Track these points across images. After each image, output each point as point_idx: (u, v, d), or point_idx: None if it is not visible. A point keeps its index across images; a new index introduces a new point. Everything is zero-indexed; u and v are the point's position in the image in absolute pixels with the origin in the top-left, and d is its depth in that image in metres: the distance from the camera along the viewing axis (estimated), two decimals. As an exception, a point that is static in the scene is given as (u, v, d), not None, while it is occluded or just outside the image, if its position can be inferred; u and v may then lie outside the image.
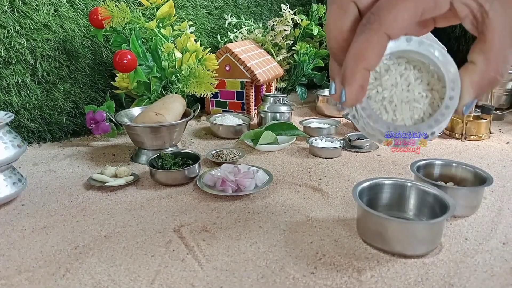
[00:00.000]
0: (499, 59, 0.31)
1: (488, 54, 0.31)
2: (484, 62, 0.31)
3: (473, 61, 0.32)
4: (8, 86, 0.84)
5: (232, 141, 0.93)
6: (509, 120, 1.09)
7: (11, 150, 0.59)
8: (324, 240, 0.52)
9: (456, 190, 0.57)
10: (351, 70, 0.31)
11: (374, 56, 0.31)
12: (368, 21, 0.30)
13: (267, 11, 1.49)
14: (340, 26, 0.32)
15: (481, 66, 0.32)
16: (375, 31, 0.30)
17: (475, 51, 0.32)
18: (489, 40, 0.30)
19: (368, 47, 0.30)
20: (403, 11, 0.29)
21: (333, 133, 0.96)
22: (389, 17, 0.29)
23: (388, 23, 0.30)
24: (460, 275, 0.45)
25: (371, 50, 0.30)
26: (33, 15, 0.86)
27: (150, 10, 1.01)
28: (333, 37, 0.33)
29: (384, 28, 0.30)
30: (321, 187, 0.68)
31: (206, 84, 0.93)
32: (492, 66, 0.31)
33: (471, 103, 0.34)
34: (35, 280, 0.44)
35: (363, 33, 0.30)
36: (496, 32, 0.30)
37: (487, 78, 0.32)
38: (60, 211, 0.60)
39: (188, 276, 0.45)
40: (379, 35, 0.30)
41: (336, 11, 0.32)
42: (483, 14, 0.30)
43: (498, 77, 0.32)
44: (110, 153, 0.85)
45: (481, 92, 0.34)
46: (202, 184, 0.66)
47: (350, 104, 0.33)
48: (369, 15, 0.30)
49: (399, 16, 0.29)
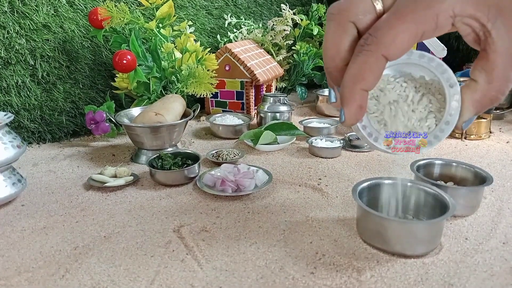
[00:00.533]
0: (502, 78, 0.31)
1: (490, 73, 0.31)
2: (486, 80, 0.31)
3: (475, 79, 0.32)
4: (8, 86, 0.84)
5: (232, 141, 0.93)
6: (509, 119, 1.09)
7: (11, 151, 0.59)
8: (323, 240, 0.52)
9: (456, 189, 0.57)
10: (349, 91, 0.31)
11: (372, 77, 0.30)
12: (366, 42, 0.30)
13: (267, 11, 1.49)
14: (338, 45, 0.31)
15: (483, 85, 0.31)
16: (373, 52, 0.29)
17: (477, 69, 0.31)
18: (492, 60, 0.30)
19: (366, 68, 0.30)
20: (403, 33, 0.29)
21: (333, 133, 0.96)
22: (387, 39, 0.29)
23: (387, 44, 0.29)
24: (460, 275, 0.44)
25: (369, 71, 0.30)
26: (32, 15, 0.86)
27: (149, 10, 1.01)
28: (331, 57, 0.32)
29: (382, 50, 0.29)
30: (321, 187, 0.68)
31: (206, 84, 0.93)
32: (494, 85, 0.31)
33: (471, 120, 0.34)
34: (34, 280, 0.44)
35: (361, 54, 0.30)
36: (499, 51, 0.30)
37: (488, 97, 0.32)
38: (60, 212, 0.60)
39: (188, 276, 0.45)
40: (377, 57, 0.29)
41: (334, 31, 0.32)
42: (486, 33, 0.29)
43: (500, 96, 0.32)
44: (110, 154, 0.85)
45: (482, 110, 0.33)
46: (202, 184, 0.66)
47: (349, 124, 0.33)
48: (367, 35, 0.30)
49: (398, 38, 0.29)
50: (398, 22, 0.29)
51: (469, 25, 0.29)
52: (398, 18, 0.29)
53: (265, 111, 0.99)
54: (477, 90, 0.32)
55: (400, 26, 0.29)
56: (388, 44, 0.29)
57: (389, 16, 0.29)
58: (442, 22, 0.29)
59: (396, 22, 0.29)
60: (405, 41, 0.29)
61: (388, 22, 0.29)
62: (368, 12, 0.31)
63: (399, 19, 0.29)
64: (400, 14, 0.29)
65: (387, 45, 0.29)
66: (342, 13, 0.31)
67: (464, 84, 0.34)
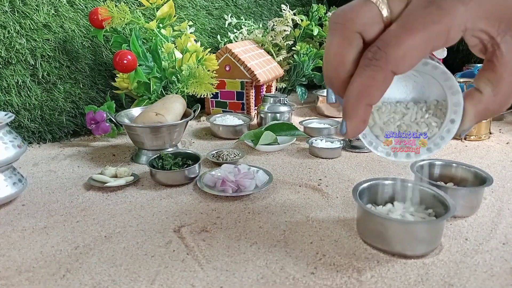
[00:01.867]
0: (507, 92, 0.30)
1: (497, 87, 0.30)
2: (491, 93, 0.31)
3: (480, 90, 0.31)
4: (8, 86, 0.84)
5: (232, 142, 0.94)
6: (509, 120, 1.09)
7: (11, 151, 0.59)
8: (324, 240, 0.52)
9: (456, 190, 0.57)
10: (353, 105, 0.30)
11: (378, 92, 0.29)
12: (375, 56, 0.28)
13: (267, 11, 1.49)
14: (342, 57, 0.30)
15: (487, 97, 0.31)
16: (382, 68, 0.28)
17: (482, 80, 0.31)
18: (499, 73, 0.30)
19: (373, 85, 0.29)
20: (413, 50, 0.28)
21: (333, 134, 0.96)
22: (397, 55, 0.28)
23: (396, 61, 0.28)
24: (460, 275, 0.45)
25: (376, 87, 0.29)
26: (33, 15, 0.86)
27: (150, 10, 1.01)
28: (333, 68, 0.31)
29: (391, 66, 0.28)
30: (321, 188, 0.68)
31: (206, 84, 0.93)
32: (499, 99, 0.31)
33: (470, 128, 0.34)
34: (35, 280, 0.44)
35: (368, 69, 0.29)
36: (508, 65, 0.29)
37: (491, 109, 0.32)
38: (60, 211, 0.60)
39: (188, 277, 0.45)
40: (385, 73, 0.28)
41: (339, 42, 0.30)
42: (494, 45, 0.29)
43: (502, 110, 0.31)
44: (110, 154, 0.85)
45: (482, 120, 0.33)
46: (202, 185, 0.66)
47: (351, 136, 0.33)
48: (376, 49, 0.28)
49: (407, 55, 0.28)
50: (409, 38, 0.27)
51: (478, 37, 0.29)
52: (408, 33, 0.28)
53: (265, 112, 0.99)
54: (481, 102, 0.32)
55: (410, 42, 0.27)
56: (398, 61, 0.28)
57: (398, 30, 0.28)
58: (453, 36, 0.28)
59: (406, 38, 0.28)
60: (414, 57, 0.28)
61: (398, 38, 0.28)
62: (376, 21, 0.29)
63: (410, 35, 0.27)
64: (411, 29, 0.28)
65: (397, 61, 0.28)
66: (348, 23, 0.29)
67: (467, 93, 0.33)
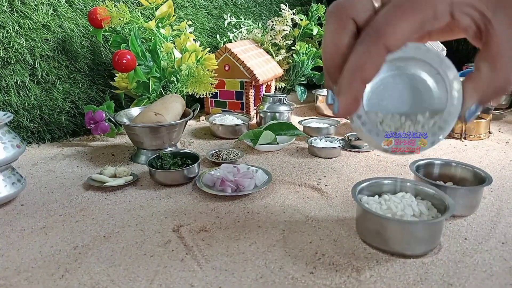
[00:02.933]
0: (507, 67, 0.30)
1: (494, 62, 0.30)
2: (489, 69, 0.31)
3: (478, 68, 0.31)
4: (7, 86, 0.84)
5: (231, 141, 0.93)
6: (508, 119, 1.09)
7: (10, 150, 0.59)
8: (323, 240, 0.52)
9: (456, 189, 0.57)
10: (347, 80, 0.31)
11: (371, 67, 0.30)
12: (367, 33, 0.30)
13: (266, 11, 1.49)
14: (337, 42, 0.31)
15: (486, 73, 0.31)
16: (374, 42, 0.29)
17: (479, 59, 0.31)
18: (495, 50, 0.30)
19: (366, 58, 0.29)
20: (403, 23, 0.29)
21: (332, 133, 0.96)
22: (388, 29, 0.29)
23: (387, 34, 0.29)
24: (459, 274, 0.45)
25: (369, 61, 0.30)
26: (32, 15, 0.86)
27: (149, 10, 1.01)
28: (330, 53, 0.32)
29: (383, 40, 0.29)
30: (321, 187, 0.68)
31: (205, 84, 0.93)
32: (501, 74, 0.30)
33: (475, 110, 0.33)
34: (34, 280, 0.44)
35: (363, 43, 0.30)
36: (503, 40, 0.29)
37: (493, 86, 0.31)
38: (59, 211, 0.60)
39: (187, 276, 0.45)
40: (378, 46, 0.29)
41: (334, 27, 0.31)
42: (487, 23, 0.29)
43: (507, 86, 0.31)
44: (109, 153, 0.85)
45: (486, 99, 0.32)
46: (202, 184, 0.66)
47: (342, 115, 0.33)
48: (368, 28, 0.30)
49: (398, 27, 0.29)
50: (397, 12, 0.29)
51: (468, 14, 0.29)
52: (397, 8, 0.29)
53: (264, 111, 0.99)
54: (480, 78, 0.31)
55: (399, 16, 0.29)
56: (389, 34, 0.29)
57: (388, 8, 0.30)
58: (440, 10, 0.29)
59: (395, 12, 0.29)
60: (405, 31, 0.29)
61: (388, 13, 0.29)
62: (368, 9, 0.31)
63: (398, 9, 0.29)
64: (399, 5, 0.29)
65: (388, 35, 0.29)
66: (342, 10, 0.31)
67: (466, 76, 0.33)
